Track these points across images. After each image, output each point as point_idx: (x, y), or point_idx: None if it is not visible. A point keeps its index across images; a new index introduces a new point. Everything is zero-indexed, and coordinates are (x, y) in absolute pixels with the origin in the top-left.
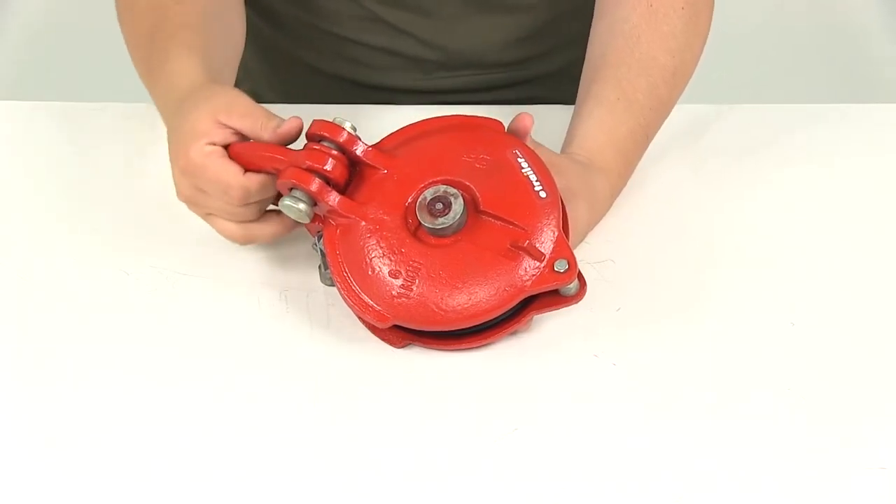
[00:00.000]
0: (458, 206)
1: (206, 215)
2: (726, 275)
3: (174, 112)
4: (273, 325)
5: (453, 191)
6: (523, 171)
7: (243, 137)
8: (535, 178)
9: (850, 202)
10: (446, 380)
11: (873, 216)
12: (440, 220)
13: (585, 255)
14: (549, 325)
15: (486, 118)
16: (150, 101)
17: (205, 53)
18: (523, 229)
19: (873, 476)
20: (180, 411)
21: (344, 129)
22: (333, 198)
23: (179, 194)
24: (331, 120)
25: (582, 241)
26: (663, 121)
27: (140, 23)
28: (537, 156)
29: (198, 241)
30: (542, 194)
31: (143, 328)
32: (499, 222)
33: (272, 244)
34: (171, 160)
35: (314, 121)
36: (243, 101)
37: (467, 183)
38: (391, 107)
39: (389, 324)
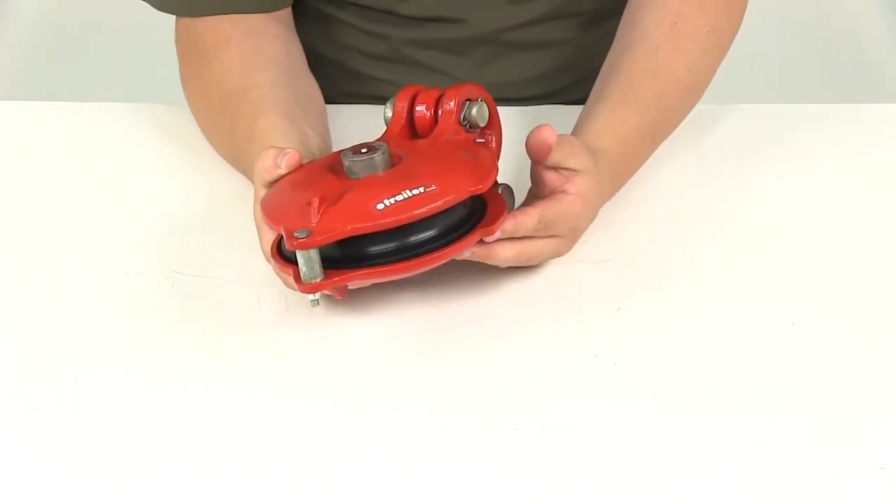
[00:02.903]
0: (378, 157)
1: None
2: (726, 275)
3: None
4: (273, 325)
5: (385, 149)
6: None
7: None
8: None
9: (851, 202)
10: (446, 380)
11: (873, 216)
12: (354, 157)
13: (585, 254)
14: (549, 325)
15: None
16: (151, 101)
17: (296, 135)
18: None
19: (873, 476)
20: (180, 411)
21: (463, 108)
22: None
23: None
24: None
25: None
26: (671, 129)
27: (219, 122)
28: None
29: (197, 241)
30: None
31: (143, 328)
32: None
33: None
34: None
35: (459, 85)
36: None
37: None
38: None
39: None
